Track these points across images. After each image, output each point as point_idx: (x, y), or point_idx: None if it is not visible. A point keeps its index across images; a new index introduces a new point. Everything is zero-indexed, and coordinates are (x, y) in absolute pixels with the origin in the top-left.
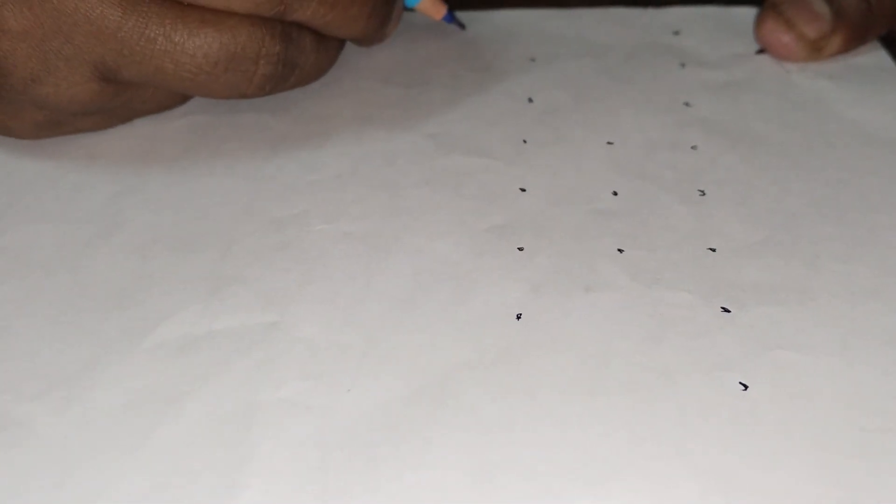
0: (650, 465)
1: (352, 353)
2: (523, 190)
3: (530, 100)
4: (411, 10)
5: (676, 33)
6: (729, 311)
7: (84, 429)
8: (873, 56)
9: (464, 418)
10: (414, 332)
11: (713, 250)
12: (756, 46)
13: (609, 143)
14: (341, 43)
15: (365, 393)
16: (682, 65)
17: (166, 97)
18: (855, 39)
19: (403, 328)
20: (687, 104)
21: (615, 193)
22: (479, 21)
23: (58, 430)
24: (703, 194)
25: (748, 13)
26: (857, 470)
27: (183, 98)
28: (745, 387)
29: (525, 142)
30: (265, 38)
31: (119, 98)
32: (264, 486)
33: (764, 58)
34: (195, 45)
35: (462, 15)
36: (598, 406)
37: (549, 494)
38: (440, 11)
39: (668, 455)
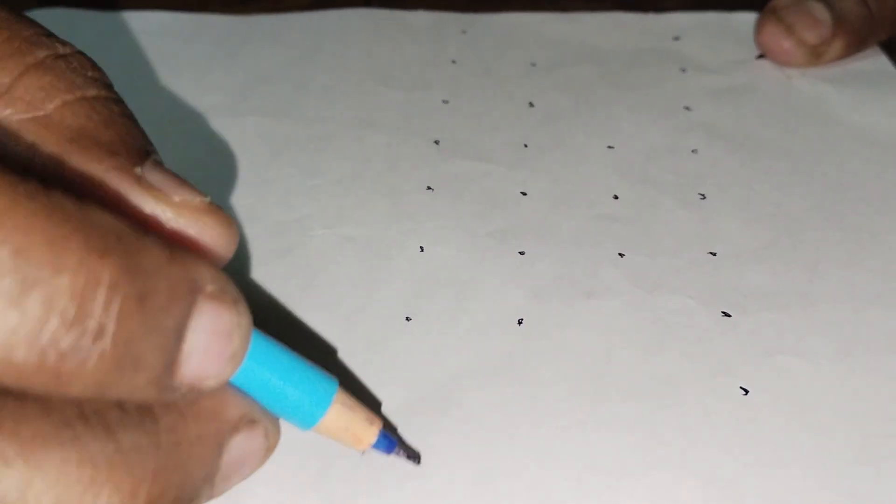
0: (652, 471)
1: (353, 358)
2: (524, 194)
3: (531, 104)
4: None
5: (677, 39)
6: (730, 316)
7: None
8: (874, 61)
9: (465, 425)
10: (415, 338)
11: (714, 255)
12: (756, 52)
13: (610, 147)
14: None
15: (366, 399)
16: (683, 70)
17: None
18: (855, 45)
19: (405, 334)
20: (687, 109)
21: (616, 197)
22: (481, 25)
23: None
24: (704, 198)
25: (748, 19)
26: (859, 475)
27: None
28: (746, 391)
29: (526, 146)
30: None
31: None
32: (266, 493)
33: (764, 63)
34: None
35: (463, 18)
36: (599, 413)
37: (551, 501)
38: (363, 438)
39: (669, 462)
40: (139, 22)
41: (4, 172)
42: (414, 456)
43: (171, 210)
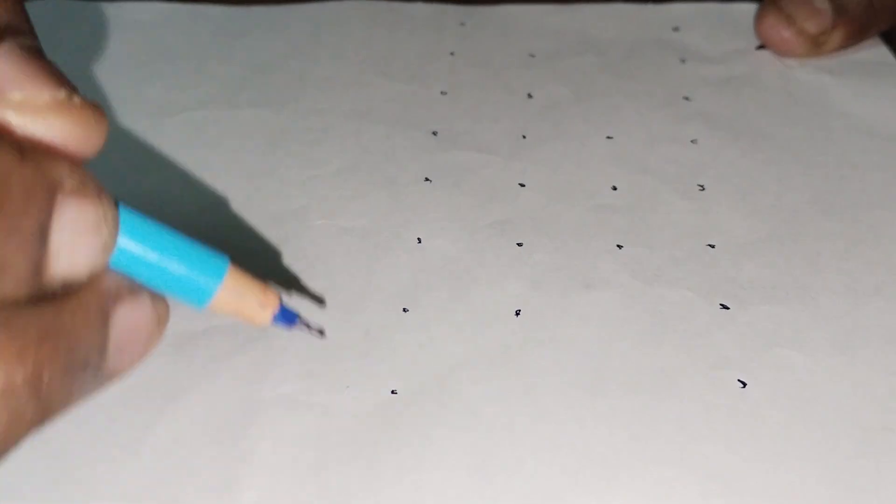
0: (650, 464)
1: (351, 350)
2: (523, 185)
3: (530, 95)
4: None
5: (676, 29)
6: (728, 309)
7: (82, 426)
8: (874, 51)
9: (463, 418)
10: (413, 329)
11: (712, 246)
12: (756, 42)
13: (609, 137)
14: None
15: (364, 390)
16: (683, 60)
17: None
18: (856, 35)
19: (402, 325)
20: (687, 99)
21: (615, 188)
22: (479, 16)
23: (56, 428)
24: (703, 189)
25: (748, 9)
26: (857, 469)
27: None
28: (744, 384)
29: (525, 137)
30: None
31: None
32: (264, 483)
33: (764, 53)
34: None
35: (462, 9)
36: (597, 405)
37: (549, 495)
38: (261, 313)
39: (667, 455)
40: (137, 12)
41: None
42: (317, 331)
43: (13, 111)
